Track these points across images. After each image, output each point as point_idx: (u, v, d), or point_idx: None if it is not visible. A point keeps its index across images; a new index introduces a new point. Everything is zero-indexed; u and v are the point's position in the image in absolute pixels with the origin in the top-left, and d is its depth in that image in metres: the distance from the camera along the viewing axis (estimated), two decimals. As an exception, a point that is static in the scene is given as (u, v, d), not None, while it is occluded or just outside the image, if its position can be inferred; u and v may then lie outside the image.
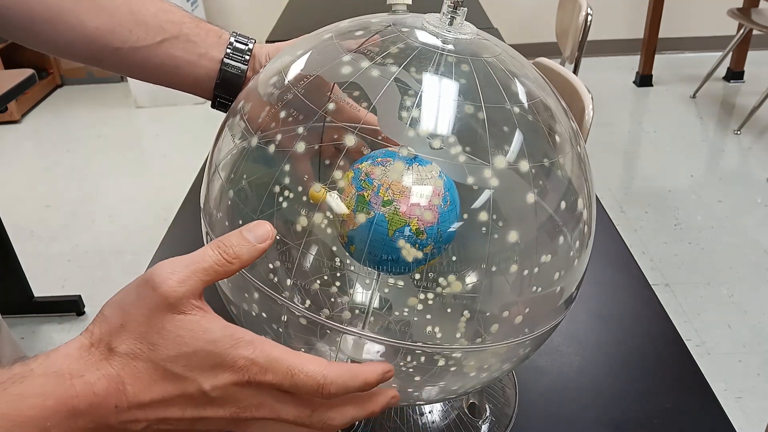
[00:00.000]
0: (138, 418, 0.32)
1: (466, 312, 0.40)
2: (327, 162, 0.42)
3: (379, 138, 0.38)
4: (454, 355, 0.41)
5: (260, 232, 0.34)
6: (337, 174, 0.39)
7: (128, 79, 3.40)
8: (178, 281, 0.32)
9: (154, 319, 0.31)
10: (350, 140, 0.39)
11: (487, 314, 0.41)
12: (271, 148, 0.41)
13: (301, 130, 0.40)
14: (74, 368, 0.31)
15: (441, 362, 0.41)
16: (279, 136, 0.41)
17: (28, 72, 1.72)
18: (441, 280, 0.39)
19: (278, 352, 0.32)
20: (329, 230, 0.39)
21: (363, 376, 0.34)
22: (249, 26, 3.60)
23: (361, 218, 0.37)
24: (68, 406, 0.30)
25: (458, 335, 0.41)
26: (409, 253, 0.37)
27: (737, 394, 1.55)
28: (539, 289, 0.42)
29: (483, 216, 0.38)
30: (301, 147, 0.39)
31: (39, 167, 2.98)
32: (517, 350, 0.44)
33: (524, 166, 0.40)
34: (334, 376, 0.33)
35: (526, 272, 0.40)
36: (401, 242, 0.37)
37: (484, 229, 0.38)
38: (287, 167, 0.40)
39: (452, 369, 0.42)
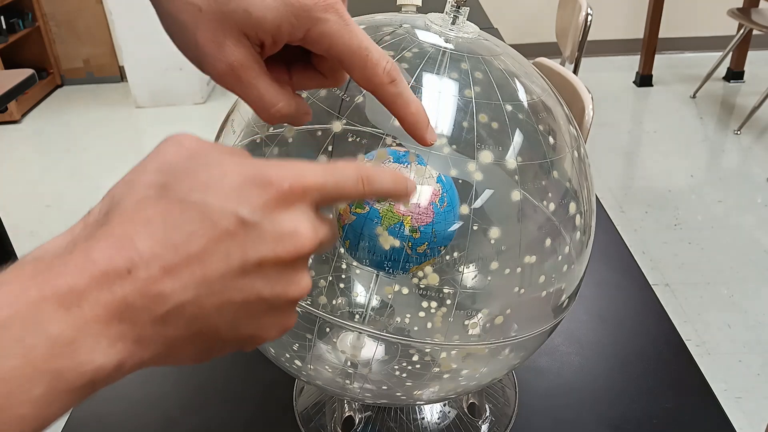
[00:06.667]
0: (165, 285, 0.23)
1: (466, 311, 0.40)
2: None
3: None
4: (453, 353, 0.41)
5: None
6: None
7: (128, 79, 3.40)
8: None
9: (172, 163, 0.25)
10: (337, 126, 0.39)
11: (488, 313, 0.41)
12: (275, 144, 0.41)
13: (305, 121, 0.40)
14: (61, 246, 0.24)
15: (444, 354, 0.41)
16: (282, 131, 0.41)
17: (28, 72, 1.72)
18: (440, 279, 0.39)
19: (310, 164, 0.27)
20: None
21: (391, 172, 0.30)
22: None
23: (356, 213, 0.37)
24: (57, 288, 0.22)
25: (457, 336, 0.41)
26: (386, 240, 0.37)
27: (737, 394, 1.55)
28: (539, 289, 0.42)
29: (478, 214, 0.38)
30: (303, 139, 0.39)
31: (39, 167, 2.98)
32: (516, 350, 0.44)
33: (527, 166, 0.39)
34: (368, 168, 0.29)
35: (525, 272, 0.40)
36: (378, 229, 0.37)
37: (476, 226, 0.38)
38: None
39: (453, 366, 0.42)
